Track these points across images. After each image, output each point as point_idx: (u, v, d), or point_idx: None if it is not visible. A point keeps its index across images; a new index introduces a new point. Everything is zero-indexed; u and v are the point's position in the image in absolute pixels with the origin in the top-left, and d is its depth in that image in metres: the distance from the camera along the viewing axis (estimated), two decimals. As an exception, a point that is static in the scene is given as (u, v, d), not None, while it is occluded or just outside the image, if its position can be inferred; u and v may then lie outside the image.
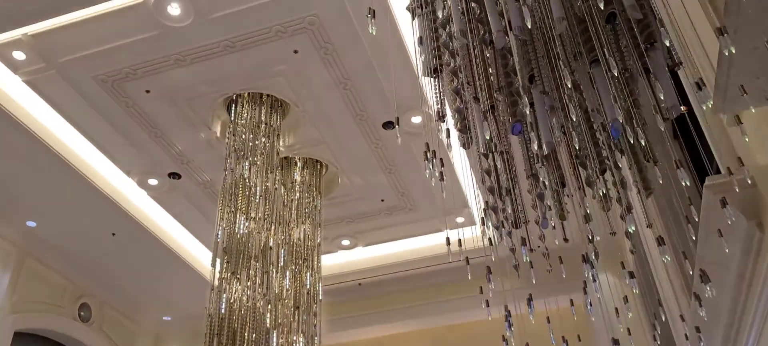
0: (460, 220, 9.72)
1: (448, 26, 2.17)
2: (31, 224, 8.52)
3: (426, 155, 2.18)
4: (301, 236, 7.92)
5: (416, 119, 7.67)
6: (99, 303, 9.95)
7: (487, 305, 2.83)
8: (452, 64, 2.17)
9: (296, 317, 7.34)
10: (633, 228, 2.18)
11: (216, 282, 6.31)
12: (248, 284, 6.46)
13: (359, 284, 10.69)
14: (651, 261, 6.05)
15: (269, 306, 6.48)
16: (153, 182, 8.38)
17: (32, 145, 7.39)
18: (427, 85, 2.29)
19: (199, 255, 9.64)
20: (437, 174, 2.28)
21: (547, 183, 2.25)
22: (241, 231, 6.54)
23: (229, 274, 6.29)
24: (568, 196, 2.76)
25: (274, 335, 7.26)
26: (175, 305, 10.67)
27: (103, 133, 7.55)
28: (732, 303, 3.71)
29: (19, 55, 6.55)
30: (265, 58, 6.75)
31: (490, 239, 2.67)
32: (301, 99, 7.34)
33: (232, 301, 6.21)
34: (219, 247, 6.50)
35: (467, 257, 3.35)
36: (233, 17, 6.28)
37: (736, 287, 3.52)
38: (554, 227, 3.10)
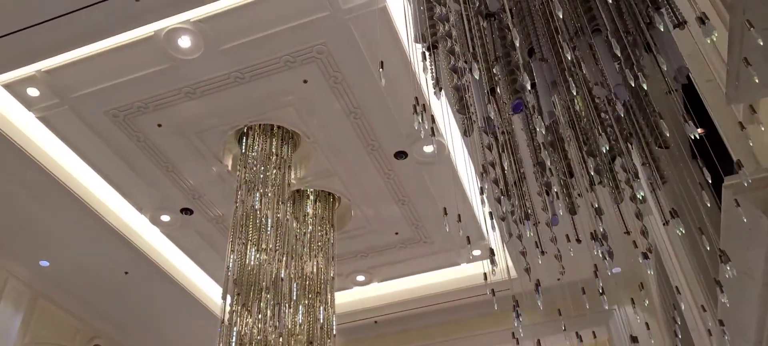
0: (476, 253, 9.55)
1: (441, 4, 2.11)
2: (45, 263, 8.51)
3: (415, 109, 2.09)
4: (314, 270, 7.80)
5: (428, 148, 7.61)
6: (111, 345, 9.84)
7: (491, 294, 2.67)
8: (449, 43, 2.10)
9: (309, 352, 7.17)
10: (642, 193, 2.06)
11: (226, 316, 6.20)
12: (259, 317, 6.33)
13: (375, 322, 10.48)
14: (668, 256, 5.83)
15: (281, 340, 6.33)
16: (165, 218, 8.35)
17: (46, 182, 7.43)
18: (421, 65, 2.21)
19: (213, 294, 9.53)
20: (427, 127, 2.19)
21: (553, 171, 2.15)
22: (252, 263, 6.45)
23: (239, 306, 6.18)
24: (579, 195, 2.65)
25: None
26: (190, 346, 10.52)
27: (115, 169, 7.57)
28: (760, 316, 3.51)
29: (33, 92, 6.63)
30: (275, 89, 6.77)
31: (490, 213, 2.53)
32: (312, 129, 7.32)
33: (242, 334, 6.07)
34: (229, 279, 6.41)
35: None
36: (242, 48, 6.33)
37: (761, 297, 3.34)
38: (570, 254, 2.94)
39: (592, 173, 2.20)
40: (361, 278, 9.94)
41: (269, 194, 6.98)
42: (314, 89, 6.78)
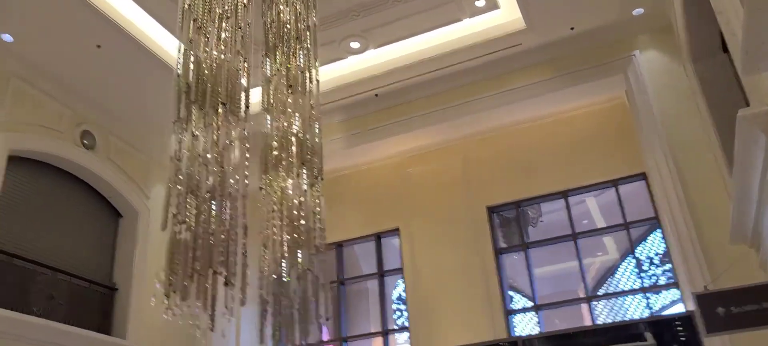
0: (480, 4, 8.59)
1: None
2: (8, 38, 7.86)
3: None
4: (292, 18, 6.98)
5: None
6: (103, 132, 9.43)
7: None
8: None
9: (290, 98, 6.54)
10: None
11: (182, 45, 5.53)
12: (223, 48, 5.66)
13: (376, 95, 9.82)
14: None
15: (245, 65, 5.69)
16: (127, -26, 7.52)
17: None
18: None
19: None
20: None
21: None
22: (207, -12, 5.66)
23: (195, 31, 5.49)
24: None
25: (268, 118, 6.55)
26: (186, 134, 10.08)
27: None
28: None
29: None
30: None
31: None
32: None
33: (202, 59, 5.43)
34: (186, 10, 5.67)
35: None
36: None
37: None
38: None
39: None
40: (355, 44, 9.13)
41: None
42: None
